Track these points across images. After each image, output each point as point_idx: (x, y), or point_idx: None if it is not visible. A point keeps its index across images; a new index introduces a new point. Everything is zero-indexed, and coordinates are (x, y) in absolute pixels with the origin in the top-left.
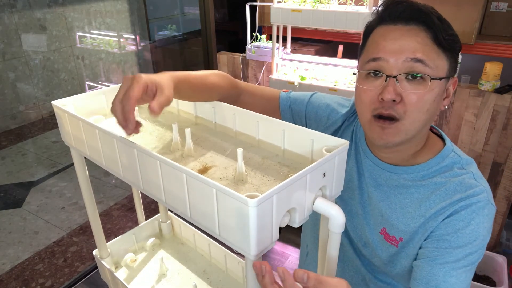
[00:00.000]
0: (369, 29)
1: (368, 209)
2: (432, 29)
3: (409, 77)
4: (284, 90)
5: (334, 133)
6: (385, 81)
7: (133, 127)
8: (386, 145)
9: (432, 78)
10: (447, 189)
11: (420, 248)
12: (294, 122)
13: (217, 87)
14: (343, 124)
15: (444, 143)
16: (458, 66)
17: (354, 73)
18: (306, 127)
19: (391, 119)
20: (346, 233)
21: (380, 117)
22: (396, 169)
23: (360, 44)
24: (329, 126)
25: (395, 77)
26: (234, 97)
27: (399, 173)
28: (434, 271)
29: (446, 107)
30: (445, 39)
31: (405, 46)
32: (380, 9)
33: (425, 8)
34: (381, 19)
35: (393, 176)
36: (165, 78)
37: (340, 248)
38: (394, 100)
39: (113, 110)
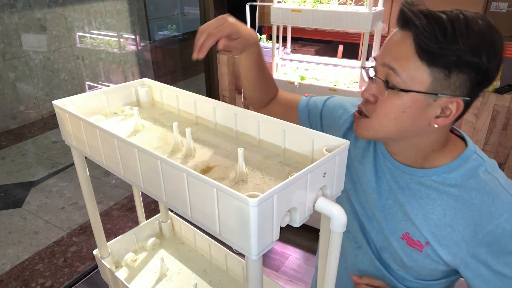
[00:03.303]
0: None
1: (386, 213)
2: (418, 38)
3: (385, 82)
4: (306, 94)
5: (346, 132)
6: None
7: (202, 55)
8: (358, 136)
9: (401, 89)
10: (479, 208)
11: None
12: (310, 124)
13: (274, 82)
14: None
15: (466, 145)
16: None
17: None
18: (322, 129)
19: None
20: (364, 235)
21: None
22: (416, 171)
23: None
24: (341, 126)
25: (372, 78)
26: (270, 100)
27: (419, 175)
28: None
29: (436, 125)
30: (429, 52)
31: (388, 51)
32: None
33: (418, 15)
34: (397, 22)
35: (414, 178)
36: (248, 35)
37: (357, 251)
38: (367, 99)
39: (200, 33)
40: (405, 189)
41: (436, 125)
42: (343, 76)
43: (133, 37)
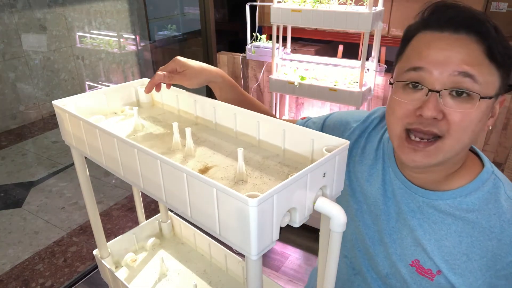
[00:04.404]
0: (410, 33)
1: (395, 237)
2: (486, 40)
3: (454, 93)
4: (302, 117)
5: (350, 150)
6: (426, 95)
7: (147, 91)
8: (417, 167)
9: (481, 97)
10: (499, 237)
11: None
12: None
13: (262, 110)
14: (360, 138)
15: (483, 164)
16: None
17: (390, 83)
18: None
19: (428, 137)
20: (366, 261)
21: (412, 134)
22: (430, 194)
23: (398, 49)
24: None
25: (438, 91)
26: None
27: (433, 198)
28: None
29: (490, 127)
30: (500, 53)
31: (452, 57)
32: (426, 12)
33: (480, 16)
34: (426, 24)
35: (427, 201)
36: (199, 67)
37: (354, 277)
38: (435, 118)
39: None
40: (417, 212)
41: (490, 127)
42: (343, 76)
43: (133, 37)
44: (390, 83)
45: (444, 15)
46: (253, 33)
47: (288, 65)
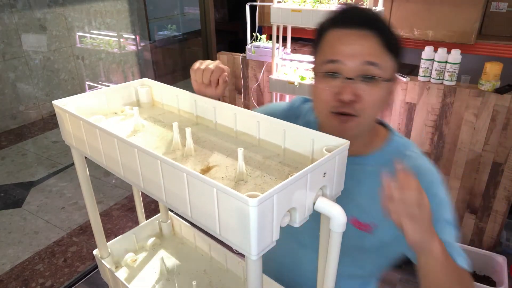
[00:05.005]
0: (322, 30)
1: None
2: (383, 35)
3: (364, 79)
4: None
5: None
6: (343, 82)
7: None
8: (344, 137)
9: (384, 80)
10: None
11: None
12: None
13: None
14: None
15: (386, 128)
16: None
17: (311, 72)
18: None
19: (347, 117)
20: (312, 231)
21: (336, 114)
22: (356, 159)
23: (313, 43)
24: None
25: (352, 78)
26: None
27: (359, 162)
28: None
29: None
30: (392, 43)
31: (360, 50)
32: (335, 13)
33: (377, 15)
34: (335, 22)
35: (357, 167)
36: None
37: (300, 251)
38: (352, 100)
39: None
40: (348, 176)
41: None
42: None
43: (133, 37)
44: (311, 72)
45: (350, 15)
46: (253, 33)
47: (288, 65)
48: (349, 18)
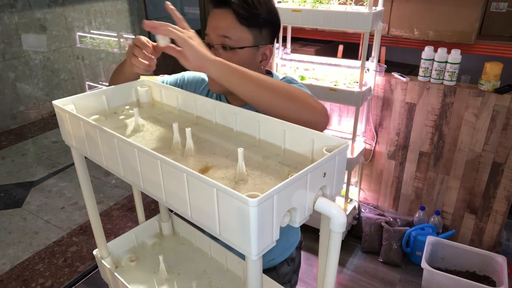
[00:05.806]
0: (210, 10)
1: None
2: (236, 12)
3: (221, 47)
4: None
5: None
6: (211, 50)
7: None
8: (218, 93)
9: (236, 48)
10: None
11: None
12: None
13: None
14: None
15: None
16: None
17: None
18: None
19: None
20: None
21: None
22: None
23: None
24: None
25: (213, 46)
26: None
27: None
28: None
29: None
30: (245, 18)
31: (218, 24)
32: None
33: None
34: (212, 3)
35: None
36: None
37: None
38: None
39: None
40: None
41: (262, 67)
42: (343, 76)
43: (133, 37)
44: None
45: None
46: None
47: (288, 65)
48: (217, 0)
